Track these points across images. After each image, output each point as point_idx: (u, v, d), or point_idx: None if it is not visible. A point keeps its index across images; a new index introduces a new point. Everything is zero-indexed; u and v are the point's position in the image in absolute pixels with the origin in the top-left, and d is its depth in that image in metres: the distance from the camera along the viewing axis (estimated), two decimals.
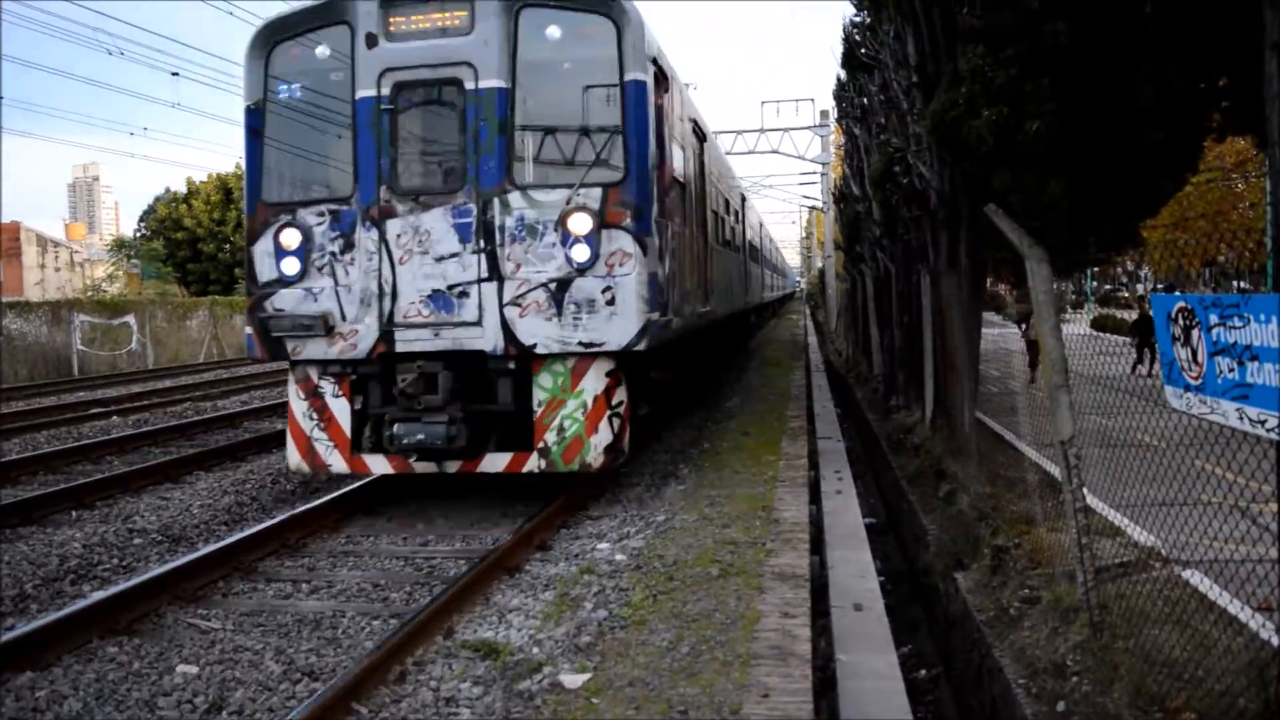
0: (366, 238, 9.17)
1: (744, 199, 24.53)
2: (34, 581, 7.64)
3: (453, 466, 9.29)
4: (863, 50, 15.93)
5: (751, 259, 25.79)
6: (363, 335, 9.21)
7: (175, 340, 38.19)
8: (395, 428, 8.92)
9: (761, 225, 33.54)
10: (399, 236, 9.12)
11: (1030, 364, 18.23)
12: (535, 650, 5.80)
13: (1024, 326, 19.30)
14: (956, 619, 7.39)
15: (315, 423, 9.48)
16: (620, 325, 8.91)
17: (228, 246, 59.70)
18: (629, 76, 9.05)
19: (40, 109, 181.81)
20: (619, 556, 7.65)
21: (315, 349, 9.31)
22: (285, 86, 9.62)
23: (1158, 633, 5.15)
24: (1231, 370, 4.14)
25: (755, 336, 36.69)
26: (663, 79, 10.05)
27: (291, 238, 9.33)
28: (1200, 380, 4.41)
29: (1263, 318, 3.92)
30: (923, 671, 8.10)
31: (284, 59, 9.59)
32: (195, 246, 61.08)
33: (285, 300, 9.39)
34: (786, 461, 11.09)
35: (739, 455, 11.61)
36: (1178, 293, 4.94)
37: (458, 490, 10.30)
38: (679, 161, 11.37)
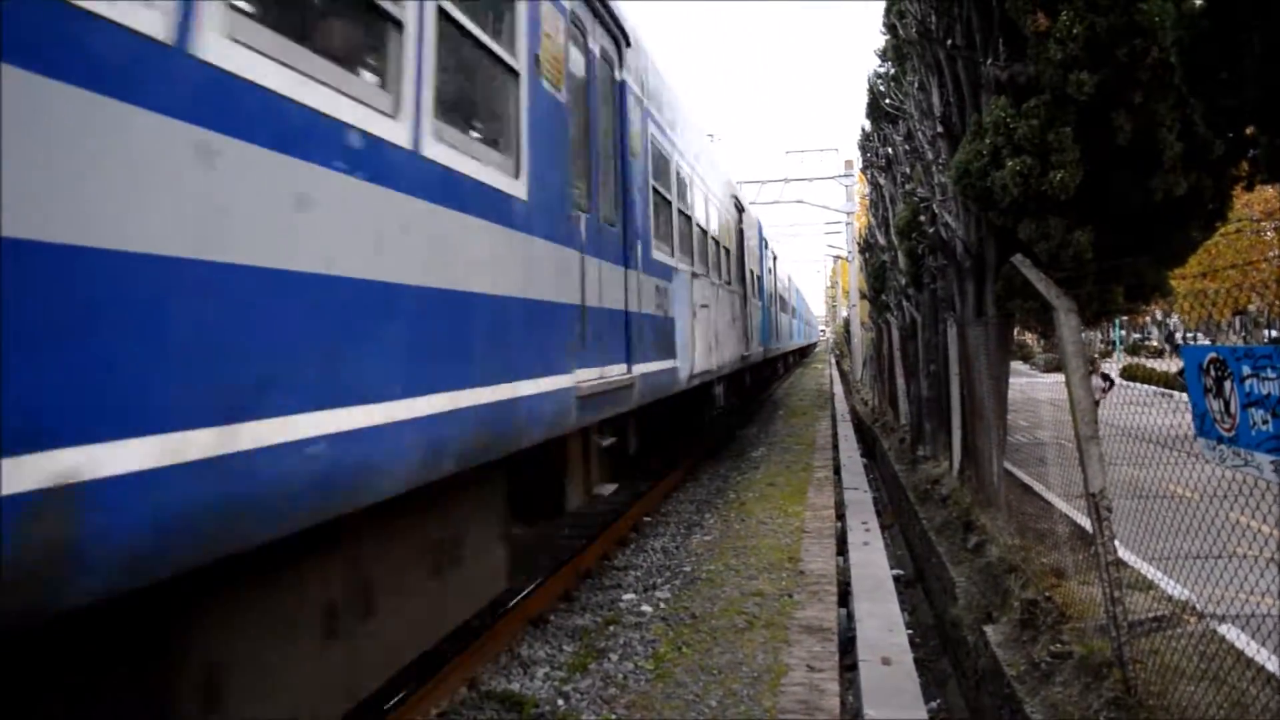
0: None
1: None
2: None
3: None
4: (887, 101, 16.00)
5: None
6: None
7: None
8: None
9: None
10: None
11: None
12: (560, 702, 5.76)
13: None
14: (986, 674, 7.27)
15: None
16: None
17: None
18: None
19: None
20: (645, 608, 7.60)
21: None
22: None
23: (1193, 689, 5.04)
24: (1265, 422, 4.09)
25: (781, 383, 36.60)
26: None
27: None
28: (1233, 432, 4.36)
29: None
30: None
31: None
32: None
33: None
34: (813, 512, 11.02)
35: (765, 506, 11.54)
36: (1189, 339, 4.90)
37: None
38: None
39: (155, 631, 3.13)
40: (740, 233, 17.69)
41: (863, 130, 21.61)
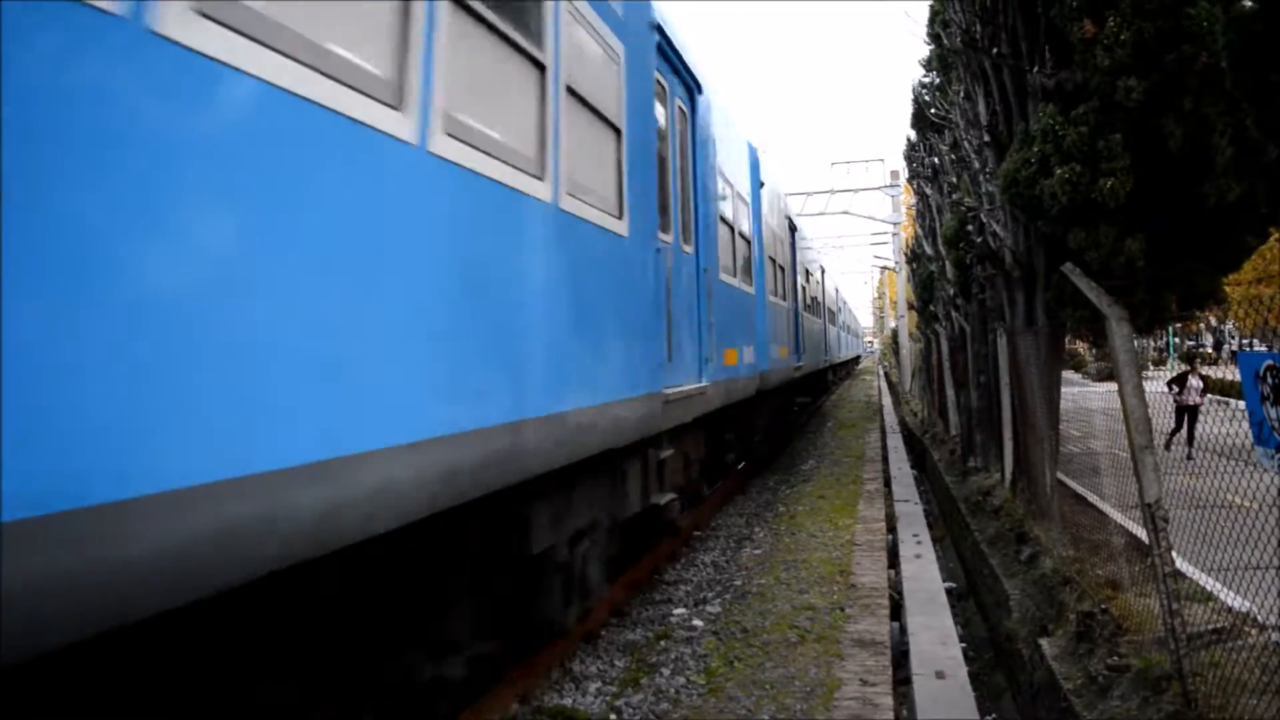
0: None
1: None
2: None
3: None
4: (932, 110, 15.92)
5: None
6: None
7: None
8: None
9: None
10: None
11: (1188, 436, 16.77)
12: (612, 717, 5.77)
13: (1175, 389, 18.03)
14: (1042, 687, 7.18)
15: None
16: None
17: None
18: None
19: None
20: (696, 622, 7.60)
21: None
22: None
23: (1255, 703, 4.95)
24: None
25: (829, 395, 36.50)
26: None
27: None
28: None
29: None
30: None
31: None
32: None
33: None
34: (863, 525, 10.96)
35: (815, 519, 11.50)
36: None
37: None
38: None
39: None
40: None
41: (908, 140, 21.53)
